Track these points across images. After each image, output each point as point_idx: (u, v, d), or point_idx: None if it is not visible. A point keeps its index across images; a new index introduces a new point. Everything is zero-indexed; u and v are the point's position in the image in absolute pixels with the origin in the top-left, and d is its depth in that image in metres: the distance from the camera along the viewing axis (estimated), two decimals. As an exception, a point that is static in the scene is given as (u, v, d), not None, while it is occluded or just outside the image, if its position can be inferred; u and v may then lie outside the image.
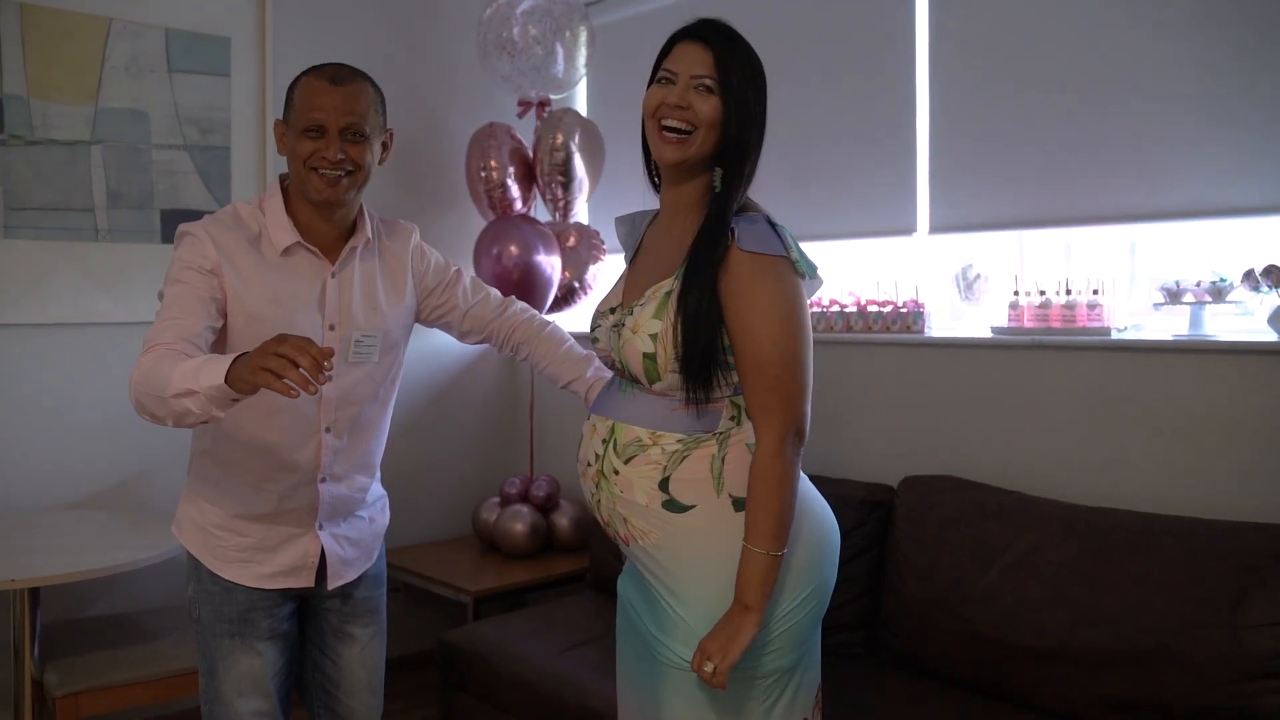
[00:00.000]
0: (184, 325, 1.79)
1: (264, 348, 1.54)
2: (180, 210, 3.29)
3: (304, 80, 1.93)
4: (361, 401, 2.02)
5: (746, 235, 1.65)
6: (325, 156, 1.88)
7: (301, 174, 1.91)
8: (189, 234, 1.90)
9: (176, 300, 1.83)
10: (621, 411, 1.75)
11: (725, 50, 1.70)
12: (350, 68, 1.96)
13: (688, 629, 1.71)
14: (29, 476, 3.07)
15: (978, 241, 3.01)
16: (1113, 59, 2.60)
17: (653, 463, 1.69)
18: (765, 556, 1.63)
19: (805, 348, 1.66)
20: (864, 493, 2.74)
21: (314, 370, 1.51)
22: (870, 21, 3.09)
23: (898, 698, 2.43)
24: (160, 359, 1.70)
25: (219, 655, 1.99)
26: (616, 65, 3.85)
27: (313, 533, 2.02)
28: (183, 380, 1.62)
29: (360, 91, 1.92)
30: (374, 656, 2.15)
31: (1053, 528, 2.41)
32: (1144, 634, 2.20)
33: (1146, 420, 2.49)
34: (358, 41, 3.69)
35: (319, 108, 1.88)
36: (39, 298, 3.07)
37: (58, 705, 2.51)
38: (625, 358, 1.72)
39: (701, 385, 1.66)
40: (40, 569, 2.42)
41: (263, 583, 2.00)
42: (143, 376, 1.70)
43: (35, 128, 3.04)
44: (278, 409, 1.92)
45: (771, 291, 1.64)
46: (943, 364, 2.85)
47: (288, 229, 1.94)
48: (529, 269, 3.44)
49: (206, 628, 2.01)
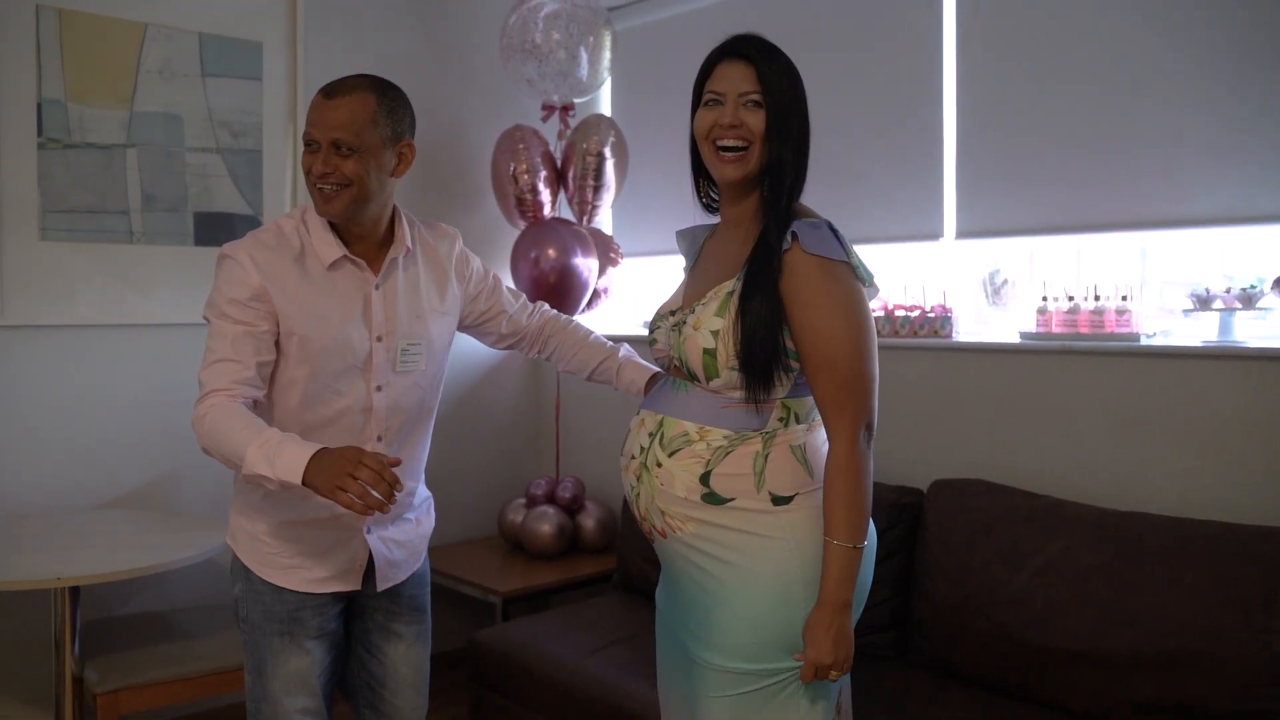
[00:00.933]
0: (237, 369, 1.85)
1: (341, 466, 1.66)
2: (212, 213, 3.33)
3: (316, 96, 1.93)
4: (409, 409, 2.05)
5: (809, 238, 1.69)
6: (314, 170, 1.89)
7: (309, 188, 1.94)
8: (230, 259, 1.91)
9: (224, 337, 1.87)
10: (672, 407, 1.79)
11: (765, 64, 1.74)
12: (355, 79, 1.93)
13: (722, 626, 1.74)
14: (63, 476, 3.11)
15: (1004, 247, 3.04)
16: (1139, 67, 2.63)
17: (696, 456, 1.73)
18: (849, 550, 1.67)
19: (871, 344, 1.70)
20: (893, 496, 2.77)
21: (389, 496, 1.65)
22: (897, 28, 3.11)
23: (927, 699, 2.46)
24: (225, 416, 1.80)
25: (268, 654, 2.01)
26: (637, 70, 3.88)
27: (361, 537, 2.04)
28: (257, 464, 1.72)
29: (354, 103, 1.89)
30: (419, 655, 2.18)
31: (1083, 531, 2.44)
32: (1173, 637, 2.23)
33: (1176, 425, 2.52)
34: (384, 45, 3.72)
35: (311, 122, 1.89)
36: (75, 299, 3.11)
37: (99, 702, 2.55)
38: (685, 354, 1.76)
39: (762, 383, 1.70)
40: (79, 567, 2.45)
41: (312, 587, 2.03)
42: (209, 431, 1.80)
43: (72, 131, 3.08)
44: (329, 420, 1.97)
45: (835, 292, 1.68)
46: (971, 369, 2.88)
47: (333, 243, 1.95)
48: (566, 271, 3.48)
49: (255, 627, 2.03)
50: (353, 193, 1.90)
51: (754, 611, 1.71)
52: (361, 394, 1.99)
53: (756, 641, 1.72)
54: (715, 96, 1.76)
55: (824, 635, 1.66)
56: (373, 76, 1.96)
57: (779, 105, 1.73)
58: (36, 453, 3.07)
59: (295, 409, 1.96)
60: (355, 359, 1.97)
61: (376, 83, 1.95)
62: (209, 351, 1.88)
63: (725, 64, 1.77)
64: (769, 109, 1.73)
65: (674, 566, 1.83)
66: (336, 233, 1.97)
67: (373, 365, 1.99)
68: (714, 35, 1.83)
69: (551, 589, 3.41)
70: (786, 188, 1.74)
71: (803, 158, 1.77)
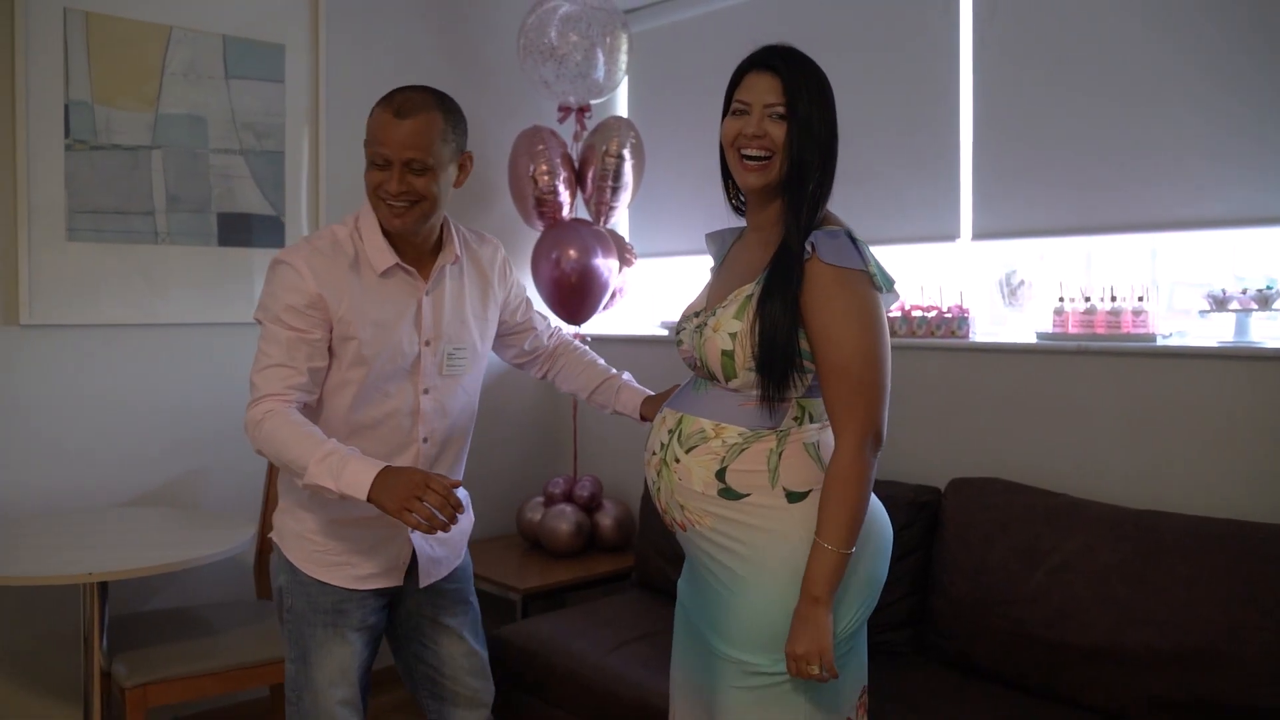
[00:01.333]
0: (291, 374, 1.91)
1: (409, 489, 1.74)
2: (235, 214, 3.37)
3: (375, 110, 1.98)
4: (454, 411, 2.13)
5: (826, 248, 1.73)
6: (388, 189, 1.95)
7: (374, 202, 1.99)
8: (287, 265, 1.95)
9: (279, 342, 1.92)
10: (692, 405, 1.86)
11: (792, 76, 1.78)
12: (420, 96, 1.97)
13: (739, 619, 1.79)
14: (89, 474, 3.15)
15: (1020, 248, 3.06)
16: (1153, 71, 2.65)
17: (712, 453, 1.79)
18: (836, 554, 1.70)
19: (884, 354, 1.74)
20: (911, 494, 2.80)
21: (452, 518, 1.76)
22: (914, 31, 3.14)
23: (945, 695, 2.48)
24: (283, 423, 1.86)
25: (312, 644, 2.06)
26: (653, 72, 3.91)
27: (405, 535, 2.10)
28: (320, 477, 1.79)
29: (426, 123, 1.94)
30: (470, 644, 2.25)
31: (1101, 530, 2.46)
32: (1192, 635, 2.25)
33: (1192, 425, 2.54)
34: (403, 47, 3.76)
35: (383, 141, 1.94)
36: (101, 299, 3.14)
37: (127, 695, 2.58)
38: (705, 355, 1.81)
39: (777, 383, 1.74)
40: (107, 563, 2.48)
41: (357, 584, 2.08)
42: (267, 437, 1.86)
43: (99, 133, 3.12)
44: (377, 421, 2.04)
45: (850, 301, 1.72)
46: (988, 369, 2.91)
47: (386, 251, 2.01)
48: (587, 272, 3.51)
49: (300, 617, 2.08)
50: (424, 208, 1.98)
51: (767, 605, 1.76)
52: (409, 396, 2.06)
53: (770, 635, 1.76)
54: (742, 106, 1.81)
55: (799, 626, 1.71)
56: (432, 90, 2.01)
57: (802, 118, 1.76)
58: (62, 451, 3.10)
59: (345, 410, 2.02)
60: (404, 362, 2.03)
61: (439, 98, 2.00)
62: (263, 355, 1.93)
63: (754, 74, 1.81)
64: (792, 121, 1.77)
65: (694, 559, 1.89)
66: (389, 240, 2.02)
67: (421, 369, 2.06)
68: (730, 38, 1.88)
69: (570, 587, 3.44)
70: (808, 197, 1.78)
71: (827, 168, 1.80)
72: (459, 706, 2.25)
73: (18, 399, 3.03)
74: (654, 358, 3.65)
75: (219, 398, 3.37)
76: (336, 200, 3.59)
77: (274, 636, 2.82)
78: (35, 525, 2.86)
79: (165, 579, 3.23)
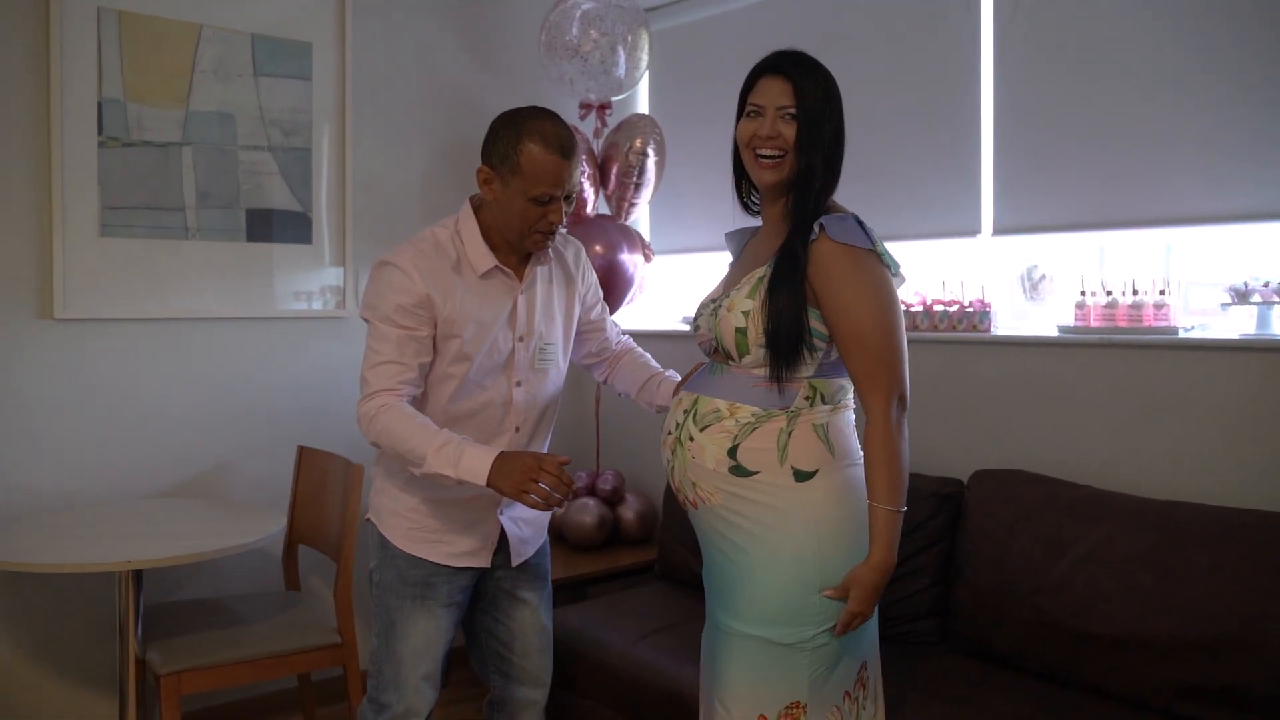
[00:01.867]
0: (402, 370, 2.02)
1: (525, 473, 1.88)
2: (264, 210, 3.41)
3: (534, 146, 2.02)
4: (542, 402, 2.24)
5: (836, 229, 1.84)
6: (552, 221, 2.06)
7: (521, 231, 2.08)
8: (394, 267, 2.05)
9: (389, 340, 2.03)
10: (707, 387, 1.95)
11: (802, 80, 1.89)
12: (566, 129, 2.07)
13: (745, 594, 1.88)
14: (122, 465, 3.20)
15: (1041, 243, 3.08)
16: (1177, 63, 2.67)
17: (725, 431, 1.88)
18: (886, 511, 1.80)
19: (899, 323, 1.85)
20: (935, 486, 2.82)
21: (567, 495, 1.91)
22: (935, 26, 3.16)
23: (970, 683, 2.50)
24: (398, 416, 1.98)
25: (399, 617, 2.16)
26: (673, 70, 3.94)
27: (494, 517, 2.21)
28: (439, 465, 1.92)
29: (579, 156, 2.11)
30: (544, 618, 2.35)
31: (1124, 520, 2.48)
32: (1216, 623, 2.27)
33: (1215, 417, 2.56)
34: (428, 45, 3.81)
35: (554, 181, 2.03)
36: (133, 294, 3.19)
37: (161, 683, 2.62)
38: (720, 333, 1.90)
39: (787, 360, 1.83)
40: (143, 552, 2.53)
41: (449, 560, 2.19)
42: (383, 430, 1.98)
43: (131, 130, 3.16)
44: (473, 412, 2.16)
45: (862, 275, 1.83)
46: (1010, 362, 2.93)
47: (487, 254, 2.11)
48: (613, 268, 3.55)
49: (389, 589, 2.18)
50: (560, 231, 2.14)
51: (772, 581, 1.86)
52: (503, 389, 2.18)
53: (774, 609, 1.86)
54: (756, 108, 1.92)
55: (870, 593, 1.82)
56: (561, 119, 2.10)
57: (811, 119, 1.89)
58: (96, 443, 3.15)
59: (444, 402, 2.14)
60: (500, 358, 2.15)
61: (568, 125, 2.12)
62: (373, 353, 2.04)
63: (766, 78, 1.93)
64: (801, 122, 1.88)
65: (705, 536, 1.99)
66: (488, 243, 2.12)
67: (514, 363, 2.17)
68: (749, 36, 1.95)
69: (593, 579, 3.47)
70: (814, 192, 1.89)
71: (833, 165, 1.92)
72: (524, 684, 2.34)
73: (52, 391, 3.08)
74: (674, 351, 3.67)
75: (249, 391, 3.42)
76: (363, 196, 3.63)
77: (303, 627, 2.87)
78: (71, 516, 2.91)
79: (196, 570, 3.27)
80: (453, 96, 3.89)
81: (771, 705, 1.87)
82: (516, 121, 2.04)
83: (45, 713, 3.08)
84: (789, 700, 1.87)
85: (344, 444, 3.39)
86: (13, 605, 3.03)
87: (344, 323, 3.62)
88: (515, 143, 2.02)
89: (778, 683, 1.87)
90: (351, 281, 3.61)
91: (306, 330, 3.55)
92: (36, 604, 3.06)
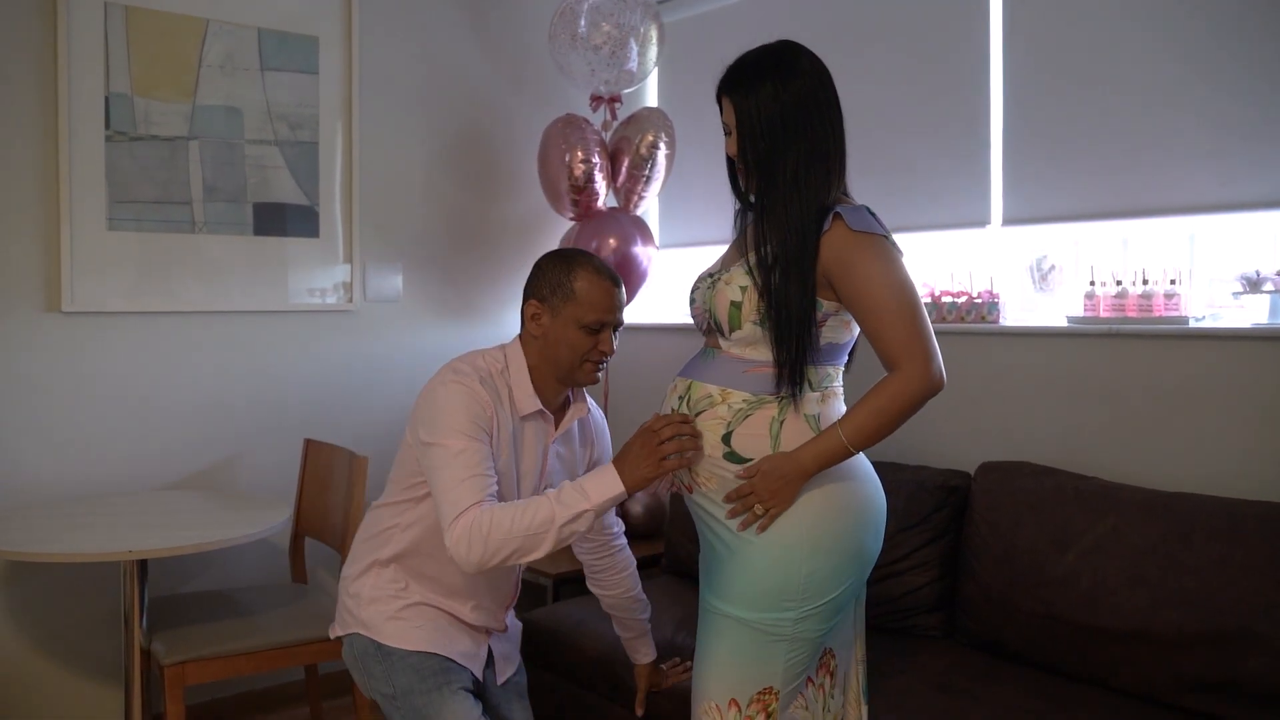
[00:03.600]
0: (485, 482, 1.96)
1: (647, 449, 1.87)
2: (271, 204, 3.42)
3: (586, 274, 2.05)
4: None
5: (852, 218, 1.84)
6: (604, 351, 2.06)
7: (572, 362, 2.07)
8: (463, 387, 2.02)
9: (466, 454, 1.96)
10: (699, 372, 1.97)
11: (731, 90, 1.94)
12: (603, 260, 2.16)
13: (734, 577, 1.90)
14: (127, 457, 3.21)
15: (1049, 234, 3.05)
16: (1186, 51, 2.63)
17: (719, 418, 1.90)
18: (842, 445, 1.82)
19: (922, 304, 1.86)
20: (941, 478, 2.79)
21: (694, 433, 1.88)
22: (944, 17, 3.13)
23: (976, 677, 2.47)
24: (498, 514, 1.89)
25: (434, 709, 2.07)
26: (684, 62, 3.93)
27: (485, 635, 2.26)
28: (569, 507, 1.88)
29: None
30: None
31: (1132, 512, 2.45)
32: (1225, 616, 2.23)
33: (1225, 407, 2.52)
34: (436, 39, 3.81)
35: (608, 309, 2.05)
36: (140, 287, 3.21)
37: (165, 673, 2.63)
38: (715, 306, 1.92)
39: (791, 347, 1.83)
40: (146, 542, 2.54)
41: (457, 656, 2.18)
42: (489, 534, 1.88)
43: (138, 124, 3.18)
44: None
45: (884, 257, 1.84)
46: (1019, 353, 2.90)
47: (533, 397, 2.10)
48: (626, 261, 3.54)
49: (410, 692, 2.10)
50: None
51: (759, 565, 1.88)
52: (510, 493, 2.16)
53: (757, 592, 1.88)
54: (725, 126, 1.98)
55: (772, 479, 1.83)
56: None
57: (743, 123, 1.91)
58: (101, 435, 3.17)
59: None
60: (513, 488, 2.13)
61: None
62: (452, 472, 1.95)
63: (721, 98, 1.98)
64: (741, 137, 1.92)
65: (699, 520, 2.01)
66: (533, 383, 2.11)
67: (522, 490, 2.16)
68: (760, 28, 1.94)
69: (600, 572, 3.45)
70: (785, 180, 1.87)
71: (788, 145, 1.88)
72: None
73: (59, 384, 3.09)
74: (680, 345, 3.65)
75: (254, 384, 3.43)
76: (370, 190, 3.64)
77: (309, 619, 2.87)
78: (76, 507, 2.92)
79: (201, 562, 3.29)
80: (460, 91, 3.89)
81: (745, 689, 1.89)
82: (564, 256, 2.11)
83: (50, 702, 3.10)
84: (763, 685, 1.89)
85: (349, 437, 3.40)
86: (19, 595, 3.05)
87: (350, 316, 3.62)
88: (566, 273, 2.05)
89: (754, 667, 1.89)
90: (358, 275, 3.61)
91: (313, 324, 3.55)
92: (43, 594, 3.08)
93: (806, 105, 1.88)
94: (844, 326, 1.93)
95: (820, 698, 1.97)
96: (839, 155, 1.92)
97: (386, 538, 2.20)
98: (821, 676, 1.97)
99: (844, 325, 1.93)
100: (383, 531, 2.22)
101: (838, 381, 1.97)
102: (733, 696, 1.90)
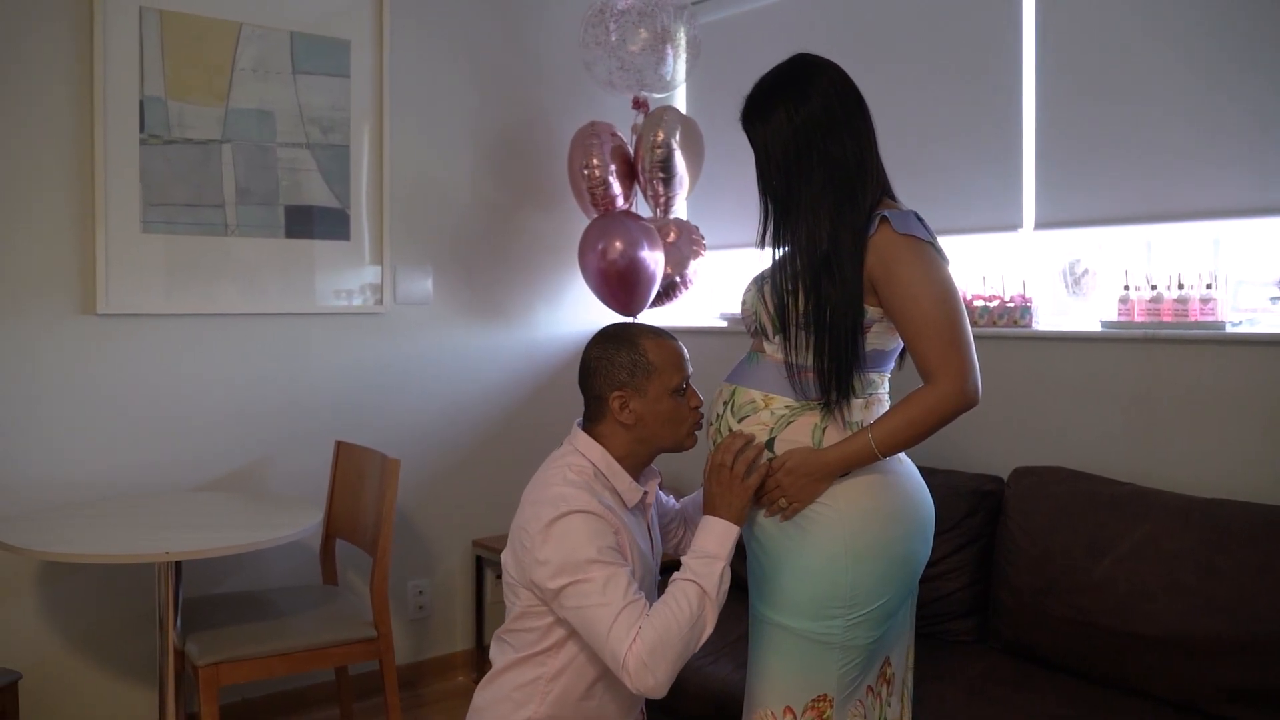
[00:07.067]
0: (639, 605, 1.82)
1: (727, 487, 1.86)
2: (302, 206, 3.44)
3: (652, 342, 1.98)
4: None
5: (899, 222, 1.82)
6: (695, 407, 2.01)
7: (678, 432, 1.99)
8: (584, 514, 1.87)
9: (613, 583, 1.82)
10: (743, 378, 1.97)
11: (749, 126, 1.97)
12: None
13: (781, 584, 1.90)
14: (161, 459, 3.23)
15: (1083, 237, 3.03)
16: (1220, 53, 2.61)
17: (762, 423, 1.90)
18: (870, 450, 1.82)
19: (965, 314, 1.84)
20: (974, 483, 2.78)
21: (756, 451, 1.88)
22: (977, 20, 3.12)
23: (1010, 683, 2.46)
24: (659, 623, 1.79)
25: None
26: (717, 65, 3.92)
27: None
28: (707, 576, 1.83)
29: None
30: None
31: (1168, 518, 2.43)
32: (1264, 623, 2.21)
33: (1262, 413, 2.50)
34: (467, 43, 3.81)
35: (682, 364, 2.00)
36: (173, 289, 3.23)
37: (200, 674, 2.65)
38: (760, 308, 1.94)
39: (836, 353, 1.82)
40: (183, 544, 2.55)
41: None
42: (662, 644, 1.78)
43: (172, 127, 3.20)
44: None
45: (927, 263, 1.82)
46: (1052, 358, 2.88)
47: (634, 487, 1.99)
48: (633, 264, 3.52)
49: None
50: None
51: (808, 572, 1.87)
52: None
53: (809, 599, 1.87)
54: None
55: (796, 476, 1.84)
56: None
57: (762, 157, 1.94)
58: (136, 436, 3.19)
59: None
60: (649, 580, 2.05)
61: None
62: (603, 608, 1.81)
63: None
64: (756, 169, 1.96)
65: (743, 527, 1.97)
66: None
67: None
68: (794, 30, 1.94)
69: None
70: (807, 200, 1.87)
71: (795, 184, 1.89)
72: None
73: (95, 386, 3.12)
74: (715, 346, 3.65)
75: (285, 386, 3.45)
76: (401, 193, 3.65)
77: (340, 620, 2.88)
78: (110, 508, 2.94)
79: (234, 563, 3.31)
80: (492, 93, 3.90)
81: (799, 696, 1.88)
82: (616, 338, 2.00)
83: (85, 702, 3.12)
84: (817, 693, 1.88)
85: (381, 439, 3.41)
86: (55, 595, 3.07)
87: (382, 318, 3.63)
88: (634, 351, 1.97)
89: (807, 674, 1.88)
90: (388, 278, 3.62)
91: (345, 326, 3.57)
92: (78, 594, 3.10)
93: (821, 126, 1.86)
94: (890, 333, 1.89)
95: (878, 706, 1.96)
96: (865, 169, 1.87)
97: (530, 692, 1.99)
98: (880, 685, 1.96)
99: (889, 332, 1.89)
100: (524, 686, 2.00)
101: (883, 388, 1.95)
102: (787, 704, 1.89)
